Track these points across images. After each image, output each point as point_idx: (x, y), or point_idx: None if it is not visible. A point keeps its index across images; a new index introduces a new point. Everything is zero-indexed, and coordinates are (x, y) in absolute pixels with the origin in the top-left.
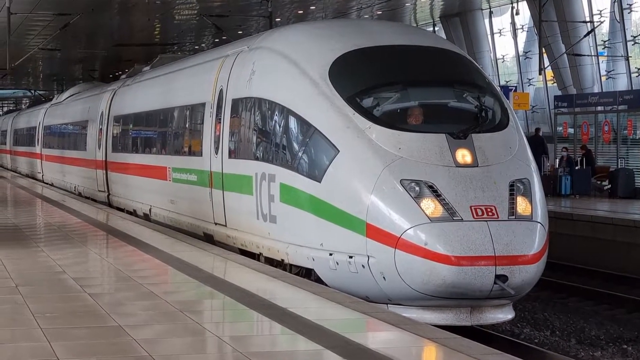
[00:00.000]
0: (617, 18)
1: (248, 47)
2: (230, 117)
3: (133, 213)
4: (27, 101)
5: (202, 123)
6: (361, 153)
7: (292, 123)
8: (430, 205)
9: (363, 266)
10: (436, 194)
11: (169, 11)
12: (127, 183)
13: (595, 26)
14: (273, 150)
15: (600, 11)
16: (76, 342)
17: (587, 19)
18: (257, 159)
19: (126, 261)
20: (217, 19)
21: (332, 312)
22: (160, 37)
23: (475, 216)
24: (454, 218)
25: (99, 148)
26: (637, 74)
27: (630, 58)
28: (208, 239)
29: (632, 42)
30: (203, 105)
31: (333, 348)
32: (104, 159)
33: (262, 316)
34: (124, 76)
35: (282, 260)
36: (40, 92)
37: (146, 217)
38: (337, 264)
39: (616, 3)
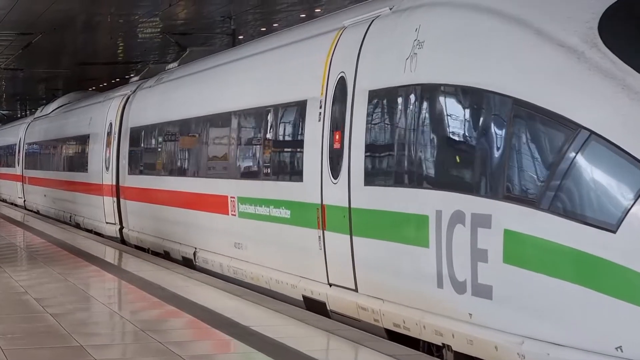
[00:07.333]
0: None
1: (391, 9)
2: (367, 120)
3: (164, 255)
4: None
5: (302, 131)
6: None
7: (529, 124)
8: None
9: None
10: None
11: (132, 29)
12: (155, 215)
13: None
14: (480, 173)
15: None
16: None
17: None
18: (438, 186)
19: (89, 281)
20: (180, 37)
21: None
22: (123, 55)
23: None
24: None
25: (107, 169)
26: None
27: None
28: (311, 305)
29: None
30: (302, 103)
31: None
32: (114, 182)
33: (225, 335)
34: (135, 78)
35: None
36: (4, 112)
37: (187, 263)
38: None
39: None
